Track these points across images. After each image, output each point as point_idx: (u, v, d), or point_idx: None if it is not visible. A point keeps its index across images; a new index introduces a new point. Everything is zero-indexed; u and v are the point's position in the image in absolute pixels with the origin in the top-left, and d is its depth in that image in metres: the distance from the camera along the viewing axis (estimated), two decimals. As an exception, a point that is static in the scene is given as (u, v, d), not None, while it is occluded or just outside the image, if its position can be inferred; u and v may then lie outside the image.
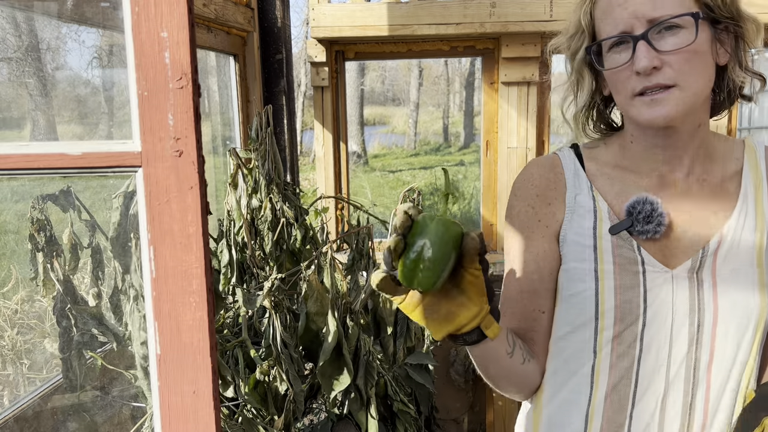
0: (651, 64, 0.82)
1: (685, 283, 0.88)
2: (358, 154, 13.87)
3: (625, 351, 0.91)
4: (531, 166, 1.01)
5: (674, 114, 0.84)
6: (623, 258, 0.90)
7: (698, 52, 0.84)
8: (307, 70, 13.01)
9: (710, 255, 0.88)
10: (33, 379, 2.13)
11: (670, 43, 0.83)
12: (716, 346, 0.88)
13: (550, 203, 0.96)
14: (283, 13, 2.81)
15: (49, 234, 1.18)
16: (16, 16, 1.69)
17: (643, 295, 0.89)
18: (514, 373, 0.95)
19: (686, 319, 0.88)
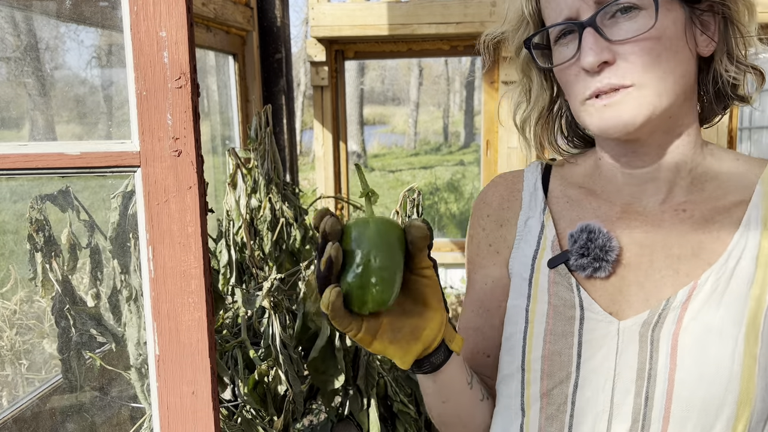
0: (599, 59, 0.65)
1: (635, 341, 0.68)
2: (357, 154, 13.87)
3: (554, 414, 0.73)
4: (491, 182, 0.87)
5: (631, 121, 0.66)
6: (558, 298, 0.72)
7: (663, 39, 0.65)
8: (307, 69, 13.02)
9: (675, 309, 0.67)
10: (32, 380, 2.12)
11: (625, 29, 0.65)
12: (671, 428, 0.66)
13: (501, 225, 0.82)
14: (282, 13, 2.81)
15: (48, 234, 1.17)
16: (15, 16, 1.69)
17: (576, 348, 0.71)
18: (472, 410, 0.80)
19: (632, 387, 0.68)
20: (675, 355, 0.65)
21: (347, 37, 2.85)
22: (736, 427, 0.65)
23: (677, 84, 0.67)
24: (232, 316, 1.69)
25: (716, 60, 0.71)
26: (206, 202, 0.64)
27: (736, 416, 0.64)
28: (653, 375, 0.66)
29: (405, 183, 11.18)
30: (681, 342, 0.65)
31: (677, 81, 0.67)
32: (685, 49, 0.67)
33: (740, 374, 0.64)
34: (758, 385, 0.64)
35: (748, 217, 0.69)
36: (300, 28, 16.15)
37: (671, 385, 0.65)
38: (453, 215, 9.18)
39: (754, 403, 0.64)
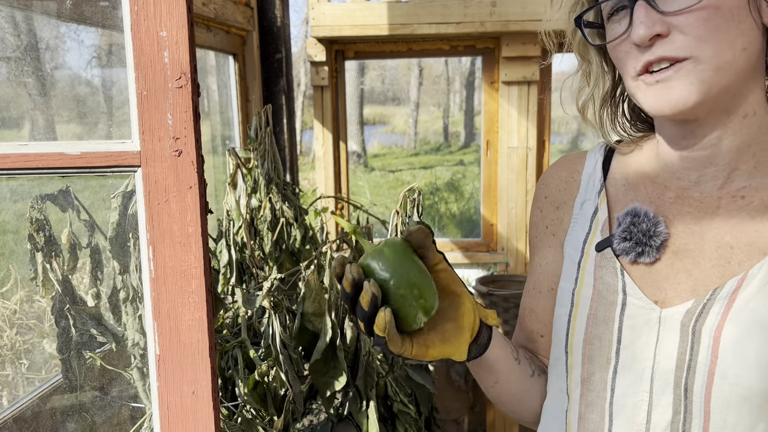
0: (650, 32, 0.61)
1: (676, 331, 0.66)
2: (357, 154, 13.87)
3: (594, 400, 0.72)
4: (554, 163, 0.86)
5: (687, 97, 0.61)
6: (603, 282, 0.72)
7: (722, 9, 0.60)
8: (307, 69, 13.01)
9: (722, 300, 0.64)
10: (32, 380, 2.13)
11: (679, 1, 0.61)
12: (712, 423, 0.63)
13: (558, 207, 0.81)
14: (282, 13, 2.81)
15: (48, 234, 1.17)
16: (15, 16, 1.69)
17: (617, 333, 0.69)
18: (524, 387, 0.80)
19: (671, 378, 0.66)
20: (717, 348, 0.63)
21: (347, 37, 2.85)
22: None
23: (739, 58, 0.62)
24: (232, 316, 1.69)
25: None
26: (206, 202, 0.64)
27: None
28: (692, 367, 0.64)
29: (405, 183, 11.18)
30: (724, 335, 0.63)
31: (739, 55, 0.61)
32: (748, 19, 0.62)
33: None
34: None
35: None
36: (300, 28, 16.16)
37: (711, 379, 0.63)
38: (453, 215, 9.18)
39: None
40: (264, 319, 1.46)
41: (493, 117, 3.03)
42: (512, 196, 3.00)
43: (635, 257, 0.70)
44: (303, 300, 1.42)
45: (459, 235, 8.18)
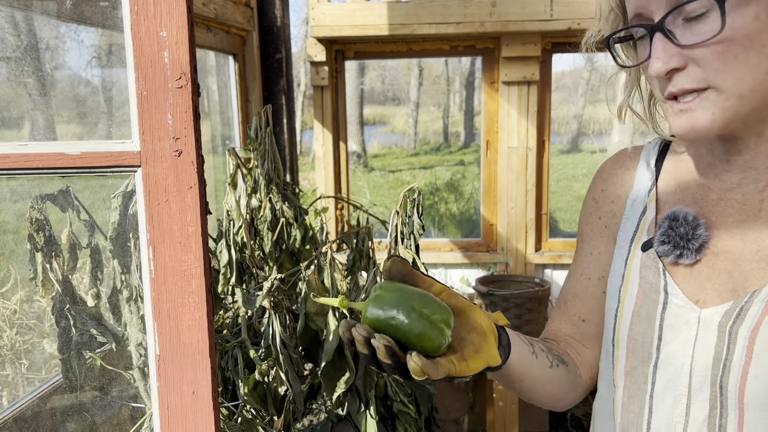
0: (666, 67, 0.62)
1: (714, 331, 0.68)
2: (357, 154, 13.87)
3: (636, 393, 0.75)
4: (613, 156, 0.87)
5: (710, 126, 0.63)
6: (647, 281, 0.74)
7: (739, 38, 0.60)
8: (307, 69, 13.01)
9: (760, 302, 0.65)
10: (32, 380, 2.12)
11: (697, 33, 0.61)
12: (746, 420, 0.65)
13: (612, 201, 0.83)
14: (282, 13, 2.81)
15: (48, 234, 1.17)
16: (15, 16, 1.69)
17: (658, 331, 0.72)
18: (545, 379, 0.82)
19: (708, 374, 0.68)
20: (752, 349, 0.64)
21: (347, 37, 2.85)
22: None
23: (764, 82, 0.62)
24: (232, 316, 1.69)
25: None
26: (206, 202, 0.64)
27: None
28: (728, 366, 0.66)
29: (405, 183, 11.18)
30: (759, 337, 0.64)
31: (763, 78, 0.62)
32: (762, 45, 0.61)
33: None
34: None
35: None
36: (300, 28, 16.15)
37: (744, 379, 0.65)
38: (453, 215, 9.18)
39: None
40: (264, 319, 1.46)
41: (492, 117, 3.03)
42: (512, 196, 3.00)
43: (675, 259, 0.72)
44: (305, 300, 1.42)
45: (459, 235, 8.18)
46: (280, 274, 1.44)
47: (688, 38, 0.62)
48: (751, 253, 0.69)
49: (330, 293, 1.44)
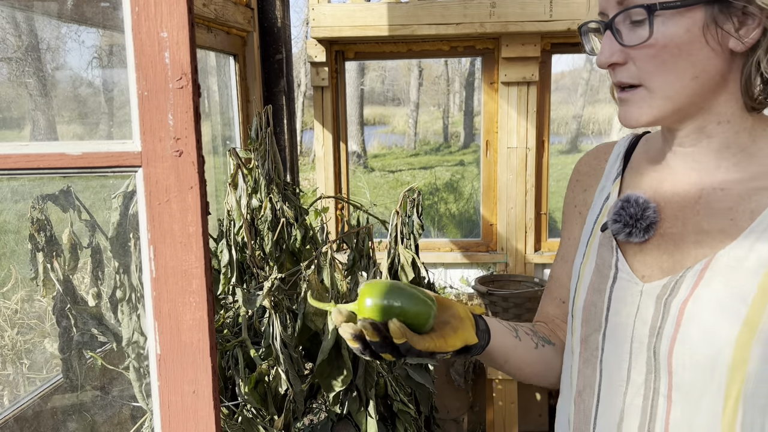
0: (608, 61, 0.71)
1: (653, 303, 0.75)
2: (357, 154, 13.87)
3: (589, 358, 0.83)
4: (589, 150, 0.95)
5: (643, 117, 0.72)
6: (601, 258, 0.82)
7: (670, 46, 0.68)
8: (307, 70, 13.01)
9: (691, 278, 0.73)
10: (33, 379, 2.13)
11: (635, 36, 0.69)
12: (674, 381, 0.73)
13: (585, 189, 0.92)
14: (283, 13, 2.81)
15: (49, 234, 1.18)
16: (16, 16, 1.69)
17: (607, 302, 0.80)
18: (531, 359, 0.90)
19: (645, 341, 0.76)
20: (681, 318, 0.72)
21: (347, 37, 2.86)
22: (730, 388, 0.70)
23: (688, 86, 0.70)
24: (232, 315, 1.69)
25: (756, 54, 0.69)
26: (207, 202, 0.65)
27: (728, 382, 0.70)
28: (661, 333, 0.74)
29: (405, 183, 11.17)
30: (688, 308, 0.72)
31: (688, 83, 0.70)
32: (703, 51, 0.69)
33: (735, 343, 0.69)
34: (754, 354, 0.68)
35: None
36: (300, 28, 16.16)
37: (672, 344, 0.73)
38: (453, 215, 9.17)
39: (747, 371, 0.69)
40: (264, 318, 1.46)
41: (492, 117, 3.03)
42: (512, 196, 3.00)
43: (625, 237, 0.79)
44: (304, 300, 1.43)
45: (458, 235, 8.18)
46: (280, 274, 1.45)
47: (630, 39, 0.70)
48: (689, 235, 0.76)
49: (330, 293, 1.44)
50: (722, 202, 0.75)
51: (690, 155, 0.77)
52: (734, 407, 0.70)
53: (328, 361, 1.38)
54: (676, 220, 0.77)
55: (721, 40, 0.69)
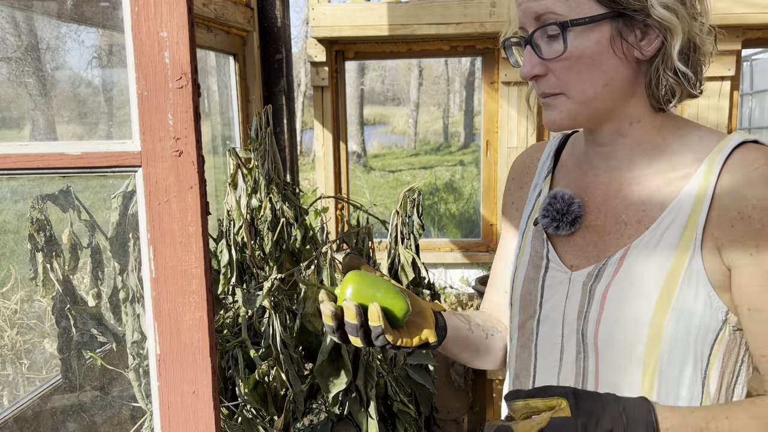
0: (530, 73, 0.78)
1: (579, 289, 0.83)
2: (357, 154, 13.87)
3: (526, 343, 0.90)
4: (524, 150, 1.04)
5: (563, 122, 0.80)
6: (534, 250, 0.90)
7: (583, 58, 0.75)
8: (307, 70, 13.01)
9: (612, 265, 0.80)
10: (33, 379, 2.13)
11: (552, 50, 0.76)
12: (600, 360, 0.81)
13: (521, 187, 0.98)
14: (282, 13, 2.81)
15: (49, 234, 1.18)
16: (16, 16, 1.69)
17: (540, 291, 0.87)
18: (485, 347, 0.99)
19: (575, 325, 0.83)
20: (604, 302, 0.80)
21: (347, 37, 2.86)
22: (648, 365, 0.78)
23: (601, 92, 0.78)
24: (232, 316, 1.69)
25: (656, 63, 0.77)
26: (207, 202, 0.65)
27: (645, 356, 0.78)
28: (587, 317, 0.82)
29: (405, 183, 11.17)
30: (609, 292, 0.80)
31: (600, 90, 0.77)
32: (611, 60, 0.76)
33: (650, 322, 0.77)
34: (666, 332, 0.76)
35: (686, 191, 0.78)
36: (300, 28, 16.16)
37: (597, 326, 0.80)
38: (453, 215, 9.17)
39: (661, 348, 0.77)
40: (264, 319, 1.46)
41: (492, 117, 3.03)
42: (512, 197, 3.00)
43: (554, 230, 0.86)
44: (304, 300, 1.42)
45: (459, 235, 8.18)
46: (280, 273, 1.44)
47: (548, 53, 0.77)
48: (611, 226, 0.83)
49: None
50: (637, 195, 0.82)
51: (608, 153, 0.84)
52: (651, 380, 0.78)
53: (328, 362, 1.38)
54: (599, 213, 0.85)
55: (627, 51, 0.76)
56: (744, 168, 0.75)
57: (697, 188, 0.77)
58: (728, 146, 0.78)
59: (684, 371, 0.78)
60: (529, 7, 0.77)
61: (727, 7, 2.54)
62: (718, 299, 0.76)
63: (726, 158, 0.77)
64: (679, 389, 0.78)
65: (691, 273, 0.76)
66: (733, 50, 2.70)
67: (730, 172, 0.76)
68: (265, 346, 1.43)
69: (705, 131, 0.82)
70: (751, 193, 0.73)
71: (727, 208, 0.75)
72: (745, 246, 0.73)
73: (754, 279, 0.74)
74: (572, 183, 0.89)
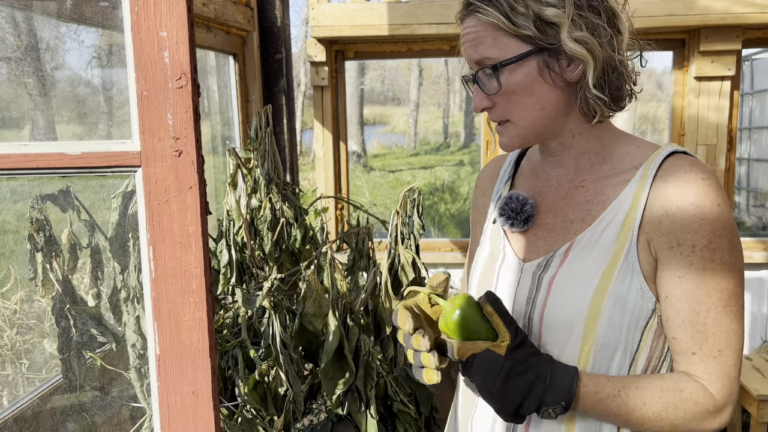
0: (480, 106, 0.91)
1: (529, 278, 0.94)
2: (357, 154, 13.86)
3: None
4: (488, 162, 1.13)
5: (514, 144, 0.93)
6: (493, 245, 1.01)
7: (518, 90, 0.88)
8: (307, 69, 13.01)
9: (558, 257, 0.91)
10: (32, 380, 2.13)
11: (492, 86, 0.89)
12: (542, 342, 0.91)
13: (483, 194, 1.10)
14: (282, 13, 2.81)
15: (48, 234, 1.17)
16: (16, 16, 1.69)
17: (495, 280, 0.98)
18: None
19: (522, 310, 0.94)
20: (550, 290, 0.91)
21: (347, 37, 2.85)
22: (585, 344, 0.88)
23: (539, 116, 0.90)
24: (232, 316, 1.69)
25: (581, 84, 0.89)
26: (206, 202, 0.64)
27: (583, 336, 0.88)
28: (535, 302, 0.92)
29: (405, 183, 11.17)
30: (555, 281, 0.90)
31: (538, 114, 0.90)
32: (543, 87, 0.88)
33: (587, 308, 0.87)
34: (602, 318, 0.87)
35: (625, 193, 0.90)
36: (300, 28, 16.15)
37: (543, 310, 0.91)
38: (453, 215, 9.17)
39: (597, 331, 0.87)
40: (264, 319, 1.46)
41: (493, 117, 3.03)
42: (512, 196, 3.00)
43: (509, 227, 0.98)
44: (303, 300, 1.42)
45: (459, 235, 8.18)
46: (280, 274, 1.44)
47: (489, 89, 0.90)
48: (559, 223, 0.95)
49: (330, 293, 1.44)
50: (582, 196, 0.94)
51: (557, 162, 0.97)
52: (587, 357, 0.89)
53: (332, 363, 1.38)
54: (550, 213, 0.96)
55: (555, 78, 0.88)
56: (672, 174, 0.87)
57: (635, 190, 0.89)
58: (661, 155, 0.90)
59: (616, 352, 0.88)
60: (468, 54, 0.92)
61: (727, 7, 2.54)
62: (649, 290, 0.87)
63: (659, 165, 0.89)
64: (609, 368, 0.89)
65: (627, 264, 0.87)
66: (733, 50, 2.70)
67: (661, 178, 0.88)
68: (265, 347, 1.43)
69: (641, 142, 0.95)
70: (676, 195, 0.85)
71: (656, 207, 0.86)
72: (668, 241, 0.85)
73: (671, 270, 0.85)
74: (528, 187, 1.01)
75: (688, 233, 0.84)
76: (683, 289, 0.85)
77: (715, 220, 0.83)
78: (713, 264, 0.84)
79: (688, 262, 0.84)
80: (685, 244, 0.84)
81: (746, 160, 6.53)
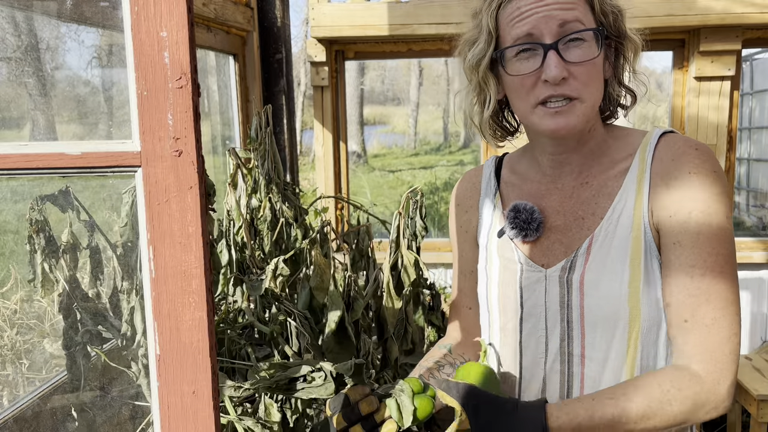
0: (561, 74, 0.85)
1: (557, 283, 0.93)
2: (357, 154, 13.86)
3: (509, 342, 0.99)
4: (460, 178, 1.12)
5: (576, 125, 0.88)
6: (504, 257, 0.99)
7: (597, 65, 0.88)
8: (307, 69, 13.00)
9: (581, 255, 0.91)
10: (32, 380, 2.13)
11: (576, 55, 0.86)
12: (586, 342, 0.91)
13: (466, 211, 1.09)
14: (282, 13, 2.81)
15: (48, 234, 1.18)
16: (16, 16, 1.69)
17: (519, 291, 0.97)
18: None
19: (558, 316, 0.93)
20: (582, 289, 0.90)
21: (347, 37, 2.86)
22: (631, 334, 0.89)
23: (599, 99, 0.91)
24: (233, 315, 1.68)
25: (609, 81, 0.94)
26: (207, 202, 0.64)
27: (629, 327, 0.88)
28: (571, 305, 0.92)
29: (405, 183, 11.17)
30: (585, 280, 0.90)
31: (598, 96, 0.91)
32: (602, 73, 0.91)
33: (627, 298, 0.87)
34: (642, 303, 0.87)
35: (628, 180, 0.91)
36: (300, 28, 16.14)
37: (582, 310, 0.91)
38: (453, 215, 9.16)
39: (641, 317, 0.88)
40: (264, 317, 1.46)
41: (493, 117, 3.03)
42: (512, 196, 3.00)
43: (522, 239, 0.97)
44: (306, 279, 1.43)
45: (459, 235, 8.16)
46: (283, 265, 1.44)
47: (571, 57, 0.86)
48: (571, 222, 0.94)
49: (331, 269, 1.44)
50: (587, 192, 0.94)
51: (563, 160, 0.96)
52: (635, 347, 0.89)
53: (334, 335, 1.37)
54: (558, 214, 0.96)
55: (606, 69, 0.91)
56: (668, 150, 0.89)
57: (636, 175, 0.91)
58: (654, 137, 0.92)
59: (659, 333, 0.89)
60: (555, 15, 0.85)
61: (726, 7, 2.54)
62: None
63: (654, 147, 0.91)
64: (657, 349, 0.90)
65: (647, 246, 0.88)
66: (733, 50, 2.70)
67: (658, 158, 0.90)
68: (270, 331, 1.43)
69: (630, 131, 0.96)
70: (673, 165, 0.88)
71: (658, 182, 0.89)
72: (666, 210, 0.87)
73: (667, 238, 0.87)
74: (525, 194, 1.00)
75: (685, 200, 0.85)
76: (677, 255, 0.86)
77: (712, 185, 0.85)
78: (709, 228, 0.85)
79: (684, 228, 0.85)
80: (683, 211, 0.85)
81: (746, 160, 6.53)
